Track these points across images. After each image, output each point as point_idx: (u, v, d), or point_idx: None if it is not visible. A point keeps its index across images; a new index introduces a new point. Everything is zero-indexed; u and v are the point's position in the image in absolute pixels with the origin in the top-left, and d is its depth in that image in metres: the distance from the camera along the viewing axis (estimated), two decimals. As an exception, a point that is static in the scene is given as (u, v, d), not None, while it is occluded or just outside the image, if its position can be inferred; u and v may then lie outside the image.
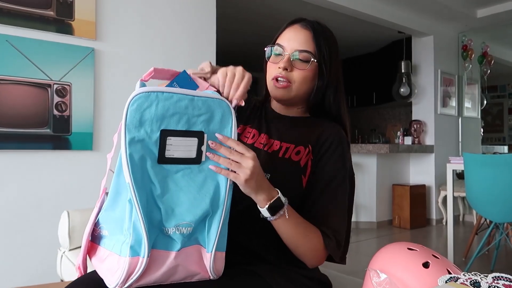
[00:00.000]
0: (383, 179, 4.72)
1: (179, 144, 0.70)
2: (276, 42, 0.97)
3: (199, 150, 0.72)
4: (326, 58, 0.95)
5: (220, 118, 0.74)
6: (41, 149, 2.24)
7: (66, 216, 1.59)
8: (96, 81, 2.44)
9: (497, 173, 2.60)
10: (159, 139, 0.68)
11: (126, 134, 0.67)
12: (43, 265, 2.22)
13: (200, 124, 0.71)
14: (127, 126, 0.67)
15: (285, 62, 0.92)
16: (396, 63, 5.10)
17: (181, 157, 0.70)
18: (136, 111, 0.68)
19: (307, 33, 0.95)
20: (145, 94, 0.68)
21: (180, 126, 0.70)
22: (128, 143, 0.67)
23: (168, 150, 0.69)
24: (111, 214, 0.74)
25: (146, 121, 0.68)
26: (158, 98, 0.68)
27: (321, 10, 4.19)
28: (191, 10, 2.88)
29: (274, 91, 0.95)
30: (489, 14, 4.71)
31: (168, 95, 0.69)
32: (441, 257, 0.78)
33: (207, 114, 0.72)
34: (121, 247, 0.69)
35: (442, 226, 4.80)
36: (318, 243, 0.86)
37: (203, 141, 0.72)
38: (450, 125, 5.19)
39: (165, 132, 0.69)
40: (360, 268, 1.16)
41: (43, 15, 2.25)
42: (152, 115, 0.68)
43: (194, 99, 0.71)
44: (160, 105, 0.68)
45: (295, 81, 0.93)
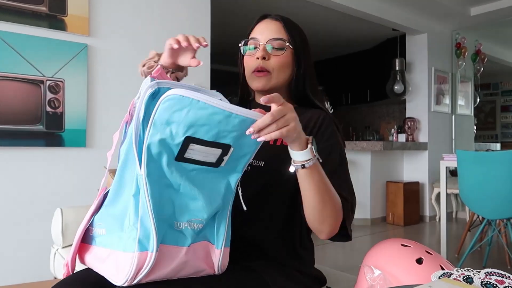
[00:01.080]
0: (377, 176, 4.74)
1: (201, 151, 0.68)
2: (250, 37, 1.00)
3: (221, 159, 0.70)
4: (300, 46, 0.99)
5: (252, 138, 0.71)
6: (33, 146, 2.22)
7: (59, 213, 1.57)
8: (90, 78, 2.42)
9: (490, 170, 2.62)
10: (181, 143, 0.67)
11: (151, 128, 0.66)
12: (36, 262, 2.20)
13: (229, 139, 0.69)
14: (155, 120, 0.66)
15: (262, 51, 0.95)
16: (390, 60, 5.11)
17: (200, 160, 0.69)
18: (166, 110, 0.66)
19: (278, 24, 0.99)
20: (179, 97, 0.65)
21: (207, 137, 0.67)
22: (150, 135, 0.66)
23: (188, 153, 0.68)
24: (111, 211, 0.73)
25: (173, 122, 0.66)
26: (191, 104, 0.65)
27: (315, 7, 4.19)
28: (185, 6, 2.87)
29: (255, 82, 0.97)
30: (482, 12, 4.73)
31: (203, 105, 0.65)
32: (434, 253, 0.79)
33: (240, 132, 0.69)
34: (125, 243, 0.67)
35: (435, 223, 4.83)
36: (339, 202, 0.86)
37: (228, 152, 0.70)
38: (443, 123, 5.22)
39: (190, 139, 0.67)
40: (354, 264, 1.17)
41: (35, 10, 2.23)
42: (181, 119, 0.66)
43: (231, 117, 0.67)
44: (192, 112, 0.65)
45: (273, 68, 0.96)
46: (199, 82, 2.87)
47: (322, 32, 5.48)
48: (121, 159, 0.72)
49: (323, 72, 7.07)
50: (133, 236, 0.66)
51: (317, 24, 5.16)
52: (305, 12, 4.69)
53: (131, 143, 0.69)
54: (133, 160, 0.69)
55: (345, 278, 1.14)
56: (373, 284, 0.76)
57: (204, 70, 2.91)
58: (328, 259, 3.33)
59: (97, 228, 0.75)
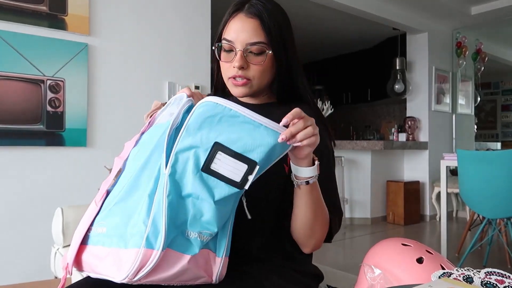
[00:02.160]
0: (377, 176, 4.74)
1: (227, 163, 0.69)
2: (223, 37, 0.90)
3: (245, 178, 0.69)
4: (281, 44, 0.89)
5: (277, 155, 0.72)
6: (34, 146, 2.22)
7: (60, 213, 1.58)
8: (90, 77, 2.42)
9: (490, 169, 2.62)
10: (210, 149, 0.68)
11: (184, 132, 0.69)
12: (36, 262, 2.21)
13: (256, 154, 0.69)
14: (188, 125, 0.69)
15: (239, 60, 0.86)
16: (390, 60, 5.11)
17: (225, 175, 0.69)
18: (200, 115, 0.69)
19: (255, 22, 0.87)
20: (213, 104, 0.69)
21: (235, 147, 0.68)
22: (182, 138, 0.69)
23: (215, 163, 0.68)
24: (120, 208, 0.72)
25: (205, 128, 0.69)
26: (224, 111, 0.69)
27: (315, 6, 4.19)
28: (186, 5, 2.86)
29: (234, 89, 0.91)
30: (483, 11, 4.72)
31: (234, 113, 0.69)
32: (434, 253, 0.79)
33: (268, 147, 0.69)
34: (129, 240, 0.67)
35: (436, 222, 4.83)
36: (327, 217, 0.85)
37: (253, 172, 0.69)
38: (444, 122, 5.22)
39: (219, 145, 0.68)
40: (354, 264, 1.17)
41: (35, 10, 2.23)
42: (213, 125, 0.68)
43: (261, 128, 0.69)
44: (224, 119, 0.69)
45: (254, 77, 0.89)
46: (199, 81, 2.87)
47: (322, 31, 5.47)
48: (141, 161, 0.72)
49: (323, 71, 7.07)
50: (141, 232, 0.66)
51: (317, 24, 5.15)
52: (306, 12, 4.68)
53: (158, 145, 0.71)
54: (155, 161, 0.70)
55: (345, 278, 1.14)
56: (373, 284, 0.76)
57: (204, 70, 2.91)
58: (328, 258, 3.33)
59: (96, 227, 0.74)
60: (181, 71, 2.81)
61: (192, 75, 2.85)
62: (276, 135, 0.69)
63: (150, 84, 2.69)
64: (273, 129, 0.69)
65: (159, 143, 0.72)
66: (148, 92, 2.67)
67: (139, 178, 0.72)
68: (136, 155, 0.76)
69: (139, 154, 0.75)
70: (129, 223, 0.69)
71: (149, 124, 0.80)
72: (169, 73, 2.76)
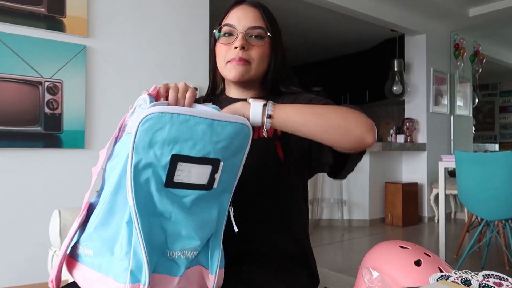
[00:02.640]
0: (375, 177, 4.74)
1: (190, 171, 0.64)
2: (224, 23, 0.94)
3: (212, 177, 0.66)
4: (277, 34, 0.96)
5: (238, 144, 0.68)
6: (32, 147, 2.22)
7: (57, 215, 1.57)
8: (88, 79, 2.41)
9: (488, 171, 2.63)
10: (168, 164, 0.63)
11: (134, 155, 0.62)
12: (34, 264, 2.20)
13: (217, 151, 0.65)
14: (135, 146, 0.62)
15: (241, 40, 0.90)
16: (389, 61, 5.12)
17: (190, 182, 0.65)
18: (146, 132, 0.62)
19: (256, 11, 0.94)
20: (158, 115, 0.61)
21: (194, 152, 0.64)
22: (134, 165, 0.62)
23: (178, 175, 0.64)
24: (100, 234, 0.68)
25: (156, 143, 0.62)
26: (172, 120, 0.62)
27: (314, 8, 4.19)
28: (184, 6, 2.87)
29: (232, 70, 0.91)
30: (481, 13, 4.74)
31: (184, 118, 0.62)
32: (433, 255, 0.79)
33: (226, 141, 0.66)
34: (117, 271, 0.64)
35: (434, 224, 4.84)
36: (339, 108, 0.82)
37: (218, 169, 0.66)
38: (442, 123, 5.23)
39: (177, 157, 0.63)
40: (352, 266, 1.17)
41: (34, 11, 2.23)
42: (163, 138, 0.62)
43: (214, 124, 0.64)
44: (174, 128, 0.62)
45: (254, 59, 0.92)
46: (197, 82, 2.87)
47: (321, 32, 5.48)
48: (112, 182, 0.67)
49: (322, 73, 7.08)
50: (125, 266, 0.63)
51: (316, 25, 5.16)
52: (304, 13, 4.69)
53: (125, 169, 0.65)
54: (125, 185, 0.66)
55: (343, 280, 1.14)
56: (371, 286, 0.76)
57: (202, 72, 2.91)
58: (326, 260, 3.33)
59: (83, 248, 0.72)
60: (179, 73, 2.81)
61: (190, 76, 2.85)
62: (231, 126, 0.66)
63: (148, 86, 2.67)
64: (226, 121, 0.65)
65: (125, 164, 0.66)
66: (146, 94, 2.66)
67: (115, 202, 0.67)
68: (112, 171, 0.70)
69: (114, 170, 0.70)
70: (114, 250, 0.66)
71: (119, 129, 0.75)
72: (167, 75, 2.76)
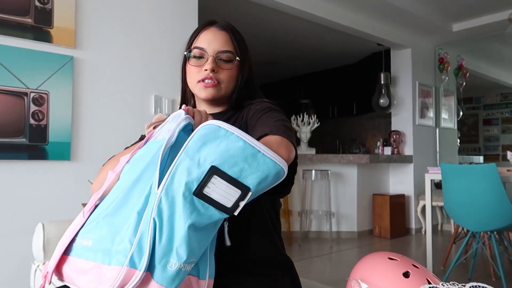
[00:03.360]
0: (363, 189, 4.77)
1: (221, 188, 0.67)
2: (194, 46, 1.00)
3: (237, 204, 0.68)
4: (244, 55, 1.01)
5: (269, 183, 0.70)
6: (16, 159, 2.18)
7: (41, 228, 1.54)
8: (75, 90, 2.39)
9: (473, 183, 2.66)
10: (206, 173, 0.66)
11: (183, 153, 0.68)
12: (16, 279, 2.14)
13: (250, 180, 0.68)
14: (188, 147, 0.68)
15: (211, 63, 0.96)
16: (375, 74, 5.19)
17: (216, 200, 0.67)
18: (201, 137, 0.68)
19: (226, 34, 0.99)
20: (216, 127, 0.68)
21: (231, 172, 0.67)
22: (180, 160, 0.67)
23: (208, 187, 0.66)
24: (109, 221, 0.71)
25: (204, 150, 0.67)
26: (226, 136, 0.68)
27: (302, 21, 4.25)
28: (172, 20, 2.88)
29: (203, 91, 0.98)
30: (464, 28, 4.86)
31: (235, 138, 0.68)
32: (421, 267, 0.79)
33: (262, 174, 0.68)
34: (113, 256, 0.66)
35: (421, 235, 4.87)
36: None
37: (245, 197, 0.68)
38: (428, 136, 5.30)
39: (215, 169, 0.66)
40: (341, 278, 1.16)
41: (20, 22, 2.21)
42: (212, 149, 0.67)
43: (258, 155, 0.68)
44: (224, 143, 0.67)
45: (223, 81, 0.98)
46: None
47: (309, 46, 5.55)
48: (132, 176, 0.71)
49: (310, 85, 7.14)
50: (126, 250, 0.64)
51: (304, 38, 5.23)
52: (292, 27, 4.75)
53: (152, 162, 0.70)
54: (148, 178, 0.69)
55: (333, 293, 1.13)
56: (360, 299, 0.76)
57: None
58: (315, 272, 3.31)
59: (82, 240, 0.73)
60: (168, 85, 2.81)
61: (178, 88, 2.82)
62: (272, 163, 0.68)
63: (136, 97, 2.67)
64: (269, 157, 0.69)
65: (153, 160, 0.71)
66: (134, 106, 2.65)
67: (130, 193, 0.71)
68: (129, 170, 0.75)
69: (132, 169, 0.75)
70: (116, 239, 0.67)
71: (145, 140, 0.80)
72: (155, 86, 2.76)
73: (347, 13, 4.25)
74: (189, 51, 1.00)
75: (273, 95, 7.24)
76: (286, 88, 7.51)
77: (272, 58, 6.11)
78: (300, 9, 3.79)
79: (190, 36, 1.04)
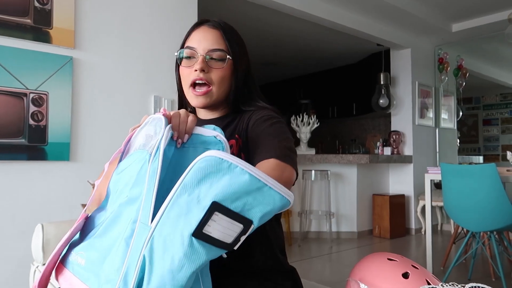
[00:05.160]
0: (363, 189, 4.77)
1: (222, 224, 0.61)
2: (186, 46, 0.96)
3: (238, 238, 0.63)
4: (238, 54, 0.96)
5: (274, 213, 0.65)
6: (15, 160, 2.18)
7: (40, 229, 1.53)
8: (74, 91, 2.39)
9: (473, 183, 2.66)
10: (206, 209, 0.60)
11: (180, 187, 0.61)
12: (16, 280, 2.14)
13: (253, 213, 0.62)
14: (185, 181, 0.61)
15: (201, 63, 0.91)
16: (375, 74, 5.19)
17: (217, 238, 0.61)
18: (200, 170, 0.61)
19: (217, 32, 0.95)
20: (218, 159, 0.61)
21: (233, 206, 0.61)
22: (176, 195, 0.61)
23: (208, 225, 0.60)
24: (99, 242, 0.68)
25: (204, 184, 0.61)
26: (229, 169, 0.61)
27: (302, 22, 4.25)
28: (172, 20, 2.88)
29: (194, 100, 0.94)
30: (463, 28, 4.86)
31: (240, 171, 0.61)
32: (420, 268, 0.79)
33: (267, 208, 0.63)
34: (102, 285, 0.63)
35: (421, 236, 4.86)
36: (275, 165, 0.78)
37: (247, 231, 0.63)
38: (427, 136, 5.30)
39: (217, 205, 0.60)
40: (341, 279, 1.16)
41: (20, 23, 2.21)
42: (213, 183, 0.61)
43: (264, 188, 0.62)
44: (227, 176, 0.61)
45: (214, 82, 0.93)
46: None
47: (308, 46, 5.55)
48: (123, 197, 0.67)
49: (310, 86, 7.15)
50: (114, 281, 0.62)
51: (303, 39, 5.23)
52: (293, 27, 4.75)
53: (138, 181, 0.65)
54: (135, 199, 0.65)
55: (332, 293, 1.13)
56: (360, 300, 0.76)
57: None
58: (314, 273, 3.31)
59: (77, 256, 0.71)
60: (167, 85, 2.81)
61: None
62: (278, 196, 0.63)
63: (136, 98, 2.67)
64: (277, 190, 0.63)
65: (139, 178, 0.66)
66: (134, 106, 2.65)
67: (120, 215, 0.67)
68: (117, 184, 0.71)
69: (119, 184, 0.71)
70: (104, 264, 0.65)
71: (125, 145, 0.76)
72: (155, 87, 2.76)
73: (346, 14, 4.25)
74: (180, 52, 0.96)
75: (273, 95, 7.25)
76: (286, 88, 7.51)
77: (272, 59, 6.12)
78: (299, 10, 3.79)
79: (184, 36, 1.00)
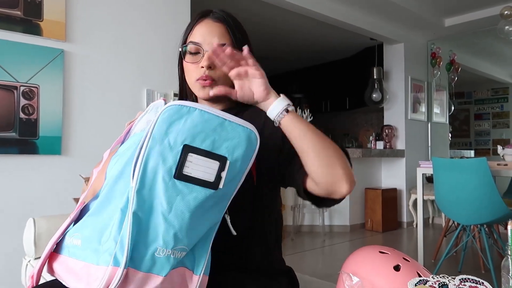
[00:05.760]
0: (356, 183, 4.79)
1: (199, 164, 0.68)
2: (190, 40, 0.93)
3: (219, 176, 0.69)
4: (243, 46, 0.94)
5: (245, 149, 0.71)
6: (6, 154, 2.15)
7: (31, 223, 1.52)
8: (66, 83, 2.37)
9: (464, 177, 2.69)
10: (180, 153, 0.67)
11: (150, 141, 0.67)
12: (7, 274, 2.13)
13: (224, 149, 0.69)
14: (153, 133, 0.67)
15: (207, 60, 0.88)
16: (368, 69, 5.21)
17: (198, 177, 0.68)
18: (165, 120, 0.68)
19: (222, 26, 0.92)
20: (178, 107, 0.69)
21: (204, 145, 0.68)
22: (148, 148, 0.67)
23: (187, 166, 0.67)
24: (93, 221, 0.70)
25: (171, 132, 0.68)
26: (189, 113, 0.69)
27: (295, 16, 4.23)
28: (164, 12, 2.85)
29: (201, 91, 0.92)
30: (456, 23, 4.89)
31: (199, 113, 0.69)
32: (411, 260, 0.80)
33: (234, 141, 0.70)
34: (101, 256, 0.65)
35: (413, 229, 4.91)
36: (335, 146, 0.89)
37: (224, 167, 0.69)
38: (420, 130, 5.34)
39: (188, 147, 0.67)
40: (333, 272, 1.17)
41: (9, 14, 2.17)
42: (179, 128, 0.68)
43: (225, 123, 0.70)
44: (189, 120, 0.68)
45: (220, 78, 0.90)
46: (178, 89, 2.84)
47: (302, 40, 5.54)
48: (115, 171, 0.71)
49: (303, 80, 7.14)
50: (111, 249, 0.64)
51: (297, 33, 5.21)
52: (286, 21, 4.73)
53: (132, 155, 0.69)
54: (129, 172, 0.68)
55: (324, 286, 1.14)
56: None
57: (183, 77, 2.89)
58: (307, 266, 3.33)
59: (72, 238, 0.72)
60: (160, 79, 2.79)
61: (170, 82, 2.83)
62: (240, 128, 0.71)
63: (128, 91, 2.65)
64: (237, 123, 0.71)
65: (133, 154, 0.70)
66: (126, 100, 2.63)
67: (113, 190, 0.70)
68: (114, 167, 0.74)
69: (116, 165, 0.74)
70: (102, 238, 0.67)
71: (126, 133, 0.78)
72: (147, 80, 2.74)
73: (340, 8, 4.24)
74: (184, 47, 0.93)
75: (266, 89, 7.22)
76: (279, 83, 7.50)
77: (265, 53, 6.09)
78: (292, 3, 3.77)
79: (185, 29, 0.97)
